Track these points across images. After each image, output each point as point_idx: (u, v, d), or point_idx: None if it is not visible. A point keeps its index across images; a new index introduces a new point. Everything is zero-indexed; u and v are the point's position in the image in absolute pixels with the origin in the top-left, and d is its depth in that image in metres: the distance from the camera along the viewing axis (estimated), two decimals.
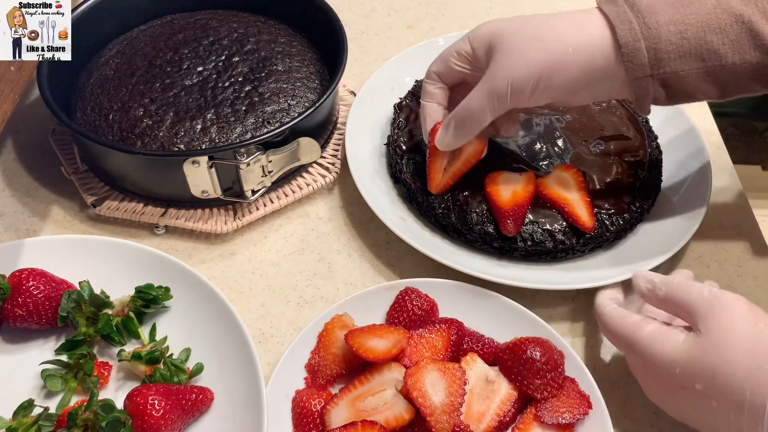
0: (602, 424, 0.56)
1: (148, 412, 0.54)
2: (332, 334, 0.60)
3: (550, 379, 0.56)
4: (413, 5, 1.01)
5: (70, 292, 0.62)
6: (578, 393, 0.58)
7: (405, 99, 0.80)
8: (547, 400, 0.57)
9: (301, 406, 0.58)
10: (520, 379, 0.57)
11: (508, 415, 0.57)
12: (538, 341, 0.58)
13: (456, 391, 0.55)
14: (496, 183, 0.68)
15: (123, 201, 0.74)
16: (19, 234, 0.73)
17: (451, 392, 0.54)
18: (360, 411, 0.56)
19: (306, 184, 0.76)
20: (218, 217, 0.73)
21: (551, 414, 0.56)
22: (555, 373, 0.57)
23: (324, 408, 0.57)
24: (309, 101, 0.77)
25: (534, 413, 0.56)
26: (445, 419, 0.53)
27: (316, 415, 0.57)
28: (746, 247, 0.74)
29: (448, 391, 0.54)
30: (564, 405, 0.57)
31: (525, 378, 0.57)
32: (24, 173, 0.79)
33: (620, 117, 0.77)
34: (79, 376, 0.60)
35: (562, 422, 0.56)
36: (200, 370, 0.61)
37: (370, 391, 0.57)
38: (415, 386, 0.54)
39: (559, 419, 0.56)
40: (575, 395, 0.57)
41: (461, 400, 0.55)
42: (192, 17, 0.85)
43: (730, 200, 0.78)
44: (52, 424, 0.56)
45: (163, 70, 0.77)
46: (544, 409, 0.56)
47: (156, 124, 0.73)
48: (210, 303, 0.63)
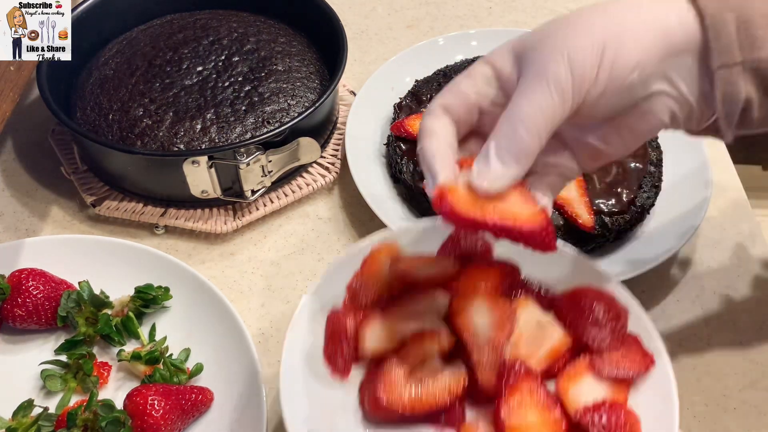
0: (665, 386, 0.50)
1: (148, 412, 0.54)
2: (378, 260, 0.56)
3: (610, 330, 0.51)
4: (413, 5, 1.01)
5: (69, 292, 0.62)
6: (640, 349, 0.51)
7: (405, 99, 0.80)
8: (605, 352, 0.51)
9: (336, 322, 0.53)
10: (576, 327, 0.51)
11: (557, 364, 0.51)
12: (601, 292, 0.52)
13: (504, 328, 0.50)
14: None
15: (123, 201, 0.74)
16: (18, 234, 0.73)
17: (499, 328, 0.50)
18: (397, 334, 0.52)
19: (306, 184, 0.76)
20: (218, 217, 0.73)
21: (608, 366, 0.50)
22: (616, 325, 0.51)
23: (359, 326, 0.52)
24: (309, 101, 0.77)
25: (588, 362, 0.51)
26: (488, 353, 0.49)
27: (350, 333, 0.52)
28: (746, 247, 0.74)
29: (494, 326, 0.50)
30: (623, 359, 0.51)
31: (583, 326, 0.51)
32: (23, 173, 0.79)
33: None
34: (78, 376, 0.60)
35: (619, 376, 0.50)
36: (200, 370, 0.61)
37: (410, 314, 0.53)
38: (461, 315, 0.51)
39: (616, 372, 0.50)
40: (637, 350, 0.51)
41: (508, 337, 0.50)
42: (192, 17, 0.85)
43: (730, 200, 0.78)
44: (52, 424, 0.56)
45: (162, 69, 0.77)
46: (600, 360, 0.50)
47: (156, 123, 0.72)
48: (210, 303, 0.63)
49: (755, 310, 0.69)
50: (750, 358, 0.65)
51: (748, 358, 0.65)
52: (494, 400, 0.49)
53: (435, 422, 0.50)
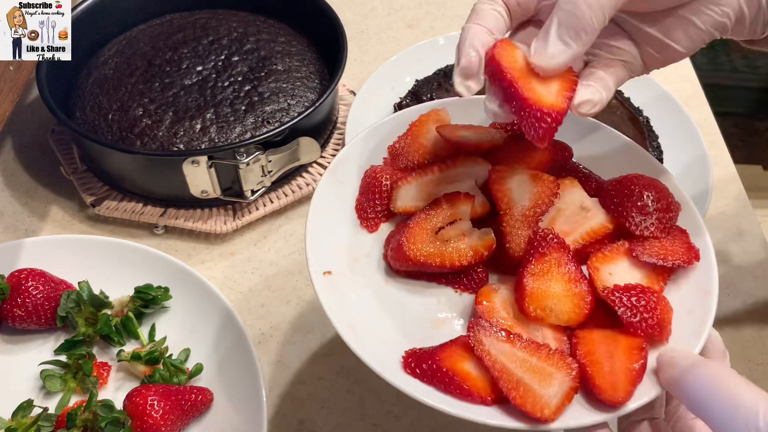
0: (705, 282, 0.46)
1: (148, 412, 0.54)
2: (425, 125, 0.54)
3: (656, 219, 0.48)
4: (413, 4, 1.01)
5: (69, 293, 0.62)
6: (686, 242, 0.48)
7: (405, 99, 0.80)
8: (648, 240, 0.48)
9: (373, 177, 0.52)
10: (621, 211, 0.48)
11: (594, 245, 0.48)
12: (655, 181, 0.49)
13: (543, 201, 0.48)
14: None
15: (122, 201, 0.74)
16: (18, 234, 0.73)
17: (537, 201, 0.48)
18: (432, 195, 0.50)
19: (306, 184, 0.76)
20: (218, 217, 0.73)
21: (648, 252, 0.47)
22: (664, 215, 0.48)
23: (395, 183, 0.51)
24: (309, 101, 0.77)
25: (627, 247, 0.47)
26: (520, 223, 0.47)
27: (385, 188, 0.51)
28: (746, 247, 0.74)
29: (533, 199, 0.48)
30: (666, 248, 0.47)
31: (628, 211, 0.48)
32: (23, 173, 0.79)
33: (620, 117, 0.77)
34: (78, 377, 0.60)
35: (658, 263, 0.46)
36: (200, 370, 0.61)
37: (447, 178, 0.51)
38: (500, 182, 0.48)
39: (655, 260, 0.46)
40: (681, 243, 0.48)
41: (544, 212, 0.48)
42: (191, 16, 0.85)
43: (731, 200, 0.78)
44: (52, 424, 0.56)
45: (162, 69, 0.77)
46: (640, 246, 0.47)
47: (155, 123, 0.72)
48: (210, 303, 0.63)
49: (755, 310, 0.69)
50: (750, 358, 0.65)
51: (748, 358, 0.65)
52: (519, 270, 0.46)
53: (454, 284, 0.49)
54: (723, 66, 1.60)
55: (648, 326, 0.43)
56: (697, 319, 0.45)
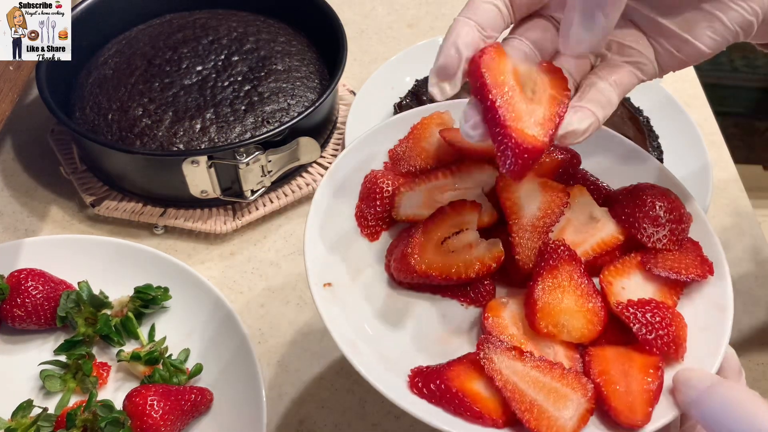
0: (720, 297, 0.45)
1: (147, 412, 0.54)
2: (428, 129, 0.52)
3: (669, 231, 0.46)
4: (413, 4, 1.01)
5: (68, 293, 0.62)
6: (700, 255, 0.47)
7: (405, 99, 0.80)
8: (660, 253, 0.46)
9: (373, 182, 0.50)
10: (632, 222, 0.46)
11: (604, 259, 0.47)
12: (667, 192, 0.47)
13: (553, 211, 0.46)
14: None
15: (122, 201, 0.73)
16: (17, 234, 0.73)
17: (547, 211, 0.46)
18: (436, 203, 0.48)
19: (306, 184, 0.76)
20: (217, 217, 0.73)
21: (662, 266, 0.45)
22: (677, 227, 0.46)
23: (397, 189, 0.49)
24: (309, 101, 0.77)
25: (639, 260, 0.46)
26: (530, 234, 0.46)
27: (386, 194, 0.49)
28: (746, 247, 0.74)
29: (543, 208, 0.46)
30: (679, 262, 0.46)
31: (640, 222, 0.46)
32: (23, 173, 0.79)
33: (621, 117, 0.77)
34: (78, 377, 0.60)
35: (671, 277, 0.45)
36: (199, 370, 0.61)
37: (452, 185, 0.49)
38: (508, 191, 0.47)
39: (669, 274, 0.45)
40: (696, 256, 0.46)
41: (554, 222, 0.46)
42: (191, 16, 0.85)
43: (731, 200, 0.78)
44: (51, 424, 0.56)
45: (162, 69, 0.77)
46: (653, 259, 0.46)
47: (155, 123, 0.72)
48: (209, 303, 0.63)
49: (756, 310, 0.69)
50: (750, 358, 0.65)
51: (748, 358, 0.65)
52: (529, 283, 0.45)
53: (460, 296, 0.47)
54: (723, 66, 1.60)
55: (663, 344, 0.42)
56: (713, 336, 0.43)
